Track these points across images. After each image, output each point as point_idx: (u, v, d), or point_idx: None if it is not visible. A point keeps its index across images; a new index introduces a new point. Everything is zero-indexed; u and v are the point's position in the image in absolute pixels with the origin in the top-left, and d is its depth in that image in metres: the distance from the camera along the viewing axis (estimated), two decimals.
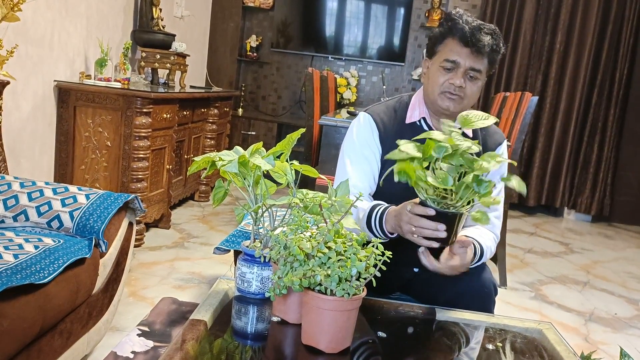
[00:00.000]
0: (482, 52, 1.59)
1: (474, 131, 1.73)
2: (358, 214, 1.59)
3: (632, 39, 5.34)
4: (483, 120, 1.35)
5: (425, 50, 1.75)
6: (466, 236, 1.59)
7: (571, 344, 1.43)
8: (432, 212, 1.33)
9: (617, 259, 4.37)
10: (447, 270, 1.49)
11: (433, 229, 1.35)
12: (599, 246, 4.70)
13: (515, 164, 1.58)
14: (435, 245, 1.39)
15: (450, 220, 1.33)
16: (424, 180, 1.25)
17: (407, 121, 1.73)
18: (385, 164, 1.70)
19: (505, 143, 1.78)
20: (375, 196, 1.72)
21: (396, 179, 1.28)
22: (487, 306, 1.62)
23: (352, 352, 1.20)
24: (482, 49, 1.58)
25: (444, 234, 1.35)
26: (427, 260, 1.48)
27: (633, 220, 5.64)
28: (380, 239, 1.54)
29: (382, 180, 1.64)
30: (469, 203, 1.32)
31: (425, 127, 1.72)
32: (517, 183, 1.28)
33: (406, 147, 1.28)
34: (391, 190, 1.54)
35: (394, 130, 1.72)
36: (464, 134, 1.69)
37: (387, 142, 1.70)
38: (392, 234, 1.53)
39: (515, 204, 5.49)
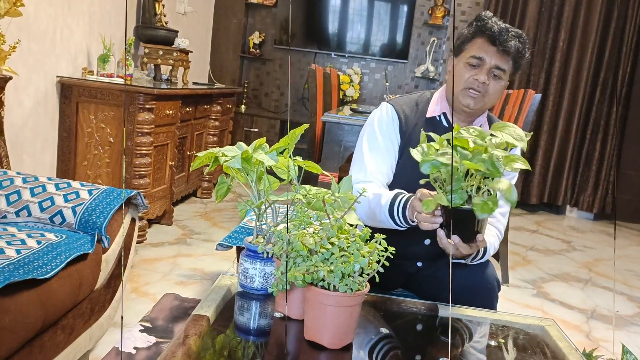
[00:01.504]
0: (508, 53, 1.63)
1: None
2: (379, 200, 1.59)
3: (635, 37, 5.32)
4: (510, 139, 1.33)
5: (452, 49, 1.77)
6: None
7: (573, 341, 1.43)
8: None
9: (619, 256, 4.37)
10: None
11: (432, 216, 1.38)
12: (601, 244, 4.69)
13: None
14: (435, 226, 1.40)
15: (465, 215, 1.33)
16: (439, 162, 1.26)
17: (428, 115, 1.75)
18: (403, 154, 1.72)
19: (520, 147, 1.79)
20: (392, 186, 1.73)
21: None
22: (490, 302, 1.63)
23: (355, 348, 1.20)
24: (508, 49, 1.62)
25: (439, 219, 1.37)
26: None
27: (635, 218, 5.63)
28: (400, 227, 1.55)
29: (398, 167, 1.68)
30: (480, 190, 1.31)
31: (445, 122, 1.75)
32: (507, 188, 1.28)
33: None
34: (409, 180, 1.56)
35: (414, 122, 1.75)
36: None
37: (407, 134, 1.73)
38: (413, 221, 1.53)
39: (517, 201, 5.47)
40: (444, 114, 1.75)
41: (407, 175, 1.61)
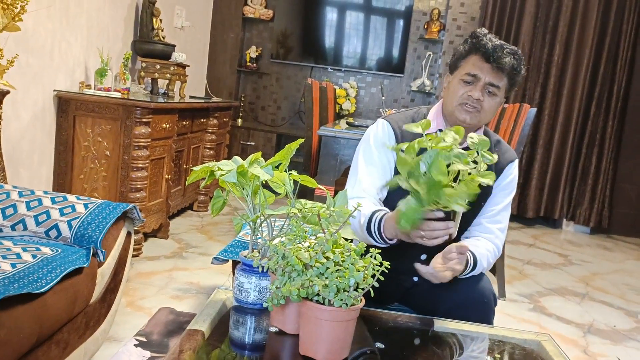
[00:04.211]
0: (502, 70, 1.63)
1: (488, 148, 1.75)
2: (359, 219, 1.60)
3: (629, 52, 5.36)
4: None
5: (448, 66, 1.79)
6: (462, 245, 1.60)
7: (570, 356, 1.43)
8: (440, 214, 1.36)
9: (616, 270, 4.37)
10: (444, 273, 1.50)
11: (444, 229, 1.38)
12: (597, 258, 4.69)
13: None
14: (444, 240, 1.41)
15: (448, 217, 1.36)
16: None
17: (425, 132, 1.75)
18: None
19: (516, 161, 1.81)
20: (387, 201, 1.73)
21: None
22: (486, 317, 1.63)
23: None
24: (503, 66, 1.62)
25: (453, 230, 1.38)
26: (425, 269, 1.50)
27: (632, 232, 5.64)
28: (380, 244, 1.56)
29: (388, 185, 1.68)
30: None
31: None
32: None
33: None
34: (403, 196, 1.56)
35: (410, 139, 1.75)
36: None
37: None
38: (391, 239, 1.54)
39: (513, 215, 5.48)
40: (441, 130, 1.75)
41: (402, 192, 1.61)
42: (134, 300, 2.69)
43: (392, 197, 1.71)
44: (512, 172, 1.78)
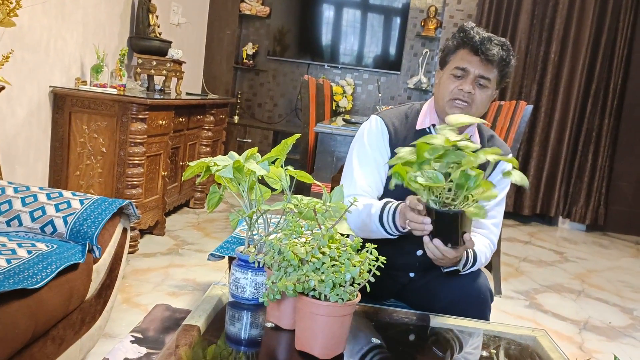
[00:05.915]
0: (491, 61, 1.63)
1: (482, 142, 1.75)
2: (369, 210, 1.59)
3: (625, 50, 5.37)
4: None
5: (438, 62, 1.79)
6: None
7: (566, 352, 1.43)
8: (420, 207, 1.35)
9: (612, 268, 4.38)
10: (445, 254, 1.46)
11: (419, 222, 1.37)
12: (593, 255, 4.70)
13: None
14: (426, 233, 1.39)
15: (451, 219, 1.33)
16: (414, 180, 1.26)
17: (418, 127, 1.76)
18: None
19: (510, 156, 1.80)
20: (383, 199, 1.72)
21: (391, 185, 1.29)
22: (482, 313, 1.63)
23: (346, 358, 1.20)
24: (491, 58, 1.62)
25: (430, 227, 1.36)
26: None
27: (627, 229, 5.66)
28: (391, 235, 1.55)
29: (390, 183, 1.67)
30: (467, 199, 1.30)
31: (435, 134, 1.74)
32: (519, 177, 1.28)
33: (403, 151, 1.28)
34: (399, 194, 1.56)
35: (404, 135, 1.75)
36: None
37: (397, 146, 1.72)
38: (404, 228, 1.53)
39: (510, 212, 5.49)
40: (434, 125, 1.75)
41: (397, 188, 1.61)
42: (129, 296, 2.69)
43: (389, 196, 1.71)
44: (506, 167, 1.78)
